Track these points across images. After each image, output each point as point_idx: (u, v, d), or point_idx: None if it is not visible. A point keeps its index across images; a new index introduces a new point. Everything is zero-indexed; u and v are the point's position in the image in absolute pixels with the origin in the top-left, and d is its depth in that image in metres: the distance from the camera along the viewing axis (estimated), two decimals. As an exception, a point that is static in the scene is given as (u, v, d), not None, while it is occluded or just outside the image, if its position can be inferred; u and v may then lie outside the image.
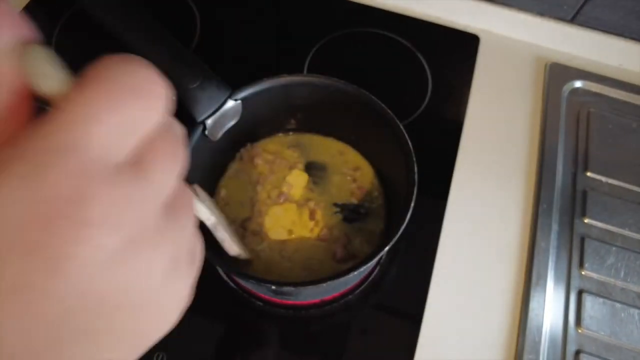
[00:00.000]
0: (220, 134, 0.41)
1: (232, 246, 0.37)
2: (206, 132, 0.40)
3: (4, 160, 0.11)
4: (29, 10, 0.62)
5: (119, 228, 0.12)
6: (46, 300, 0.12)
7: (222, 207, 0.45)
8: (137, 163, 0.13)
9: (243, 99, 0.42)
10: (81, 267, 0.12)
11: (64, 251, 0.11)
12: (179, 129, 0.15)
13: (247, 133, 0.47)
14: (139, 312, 0.14)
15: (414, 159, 0.39)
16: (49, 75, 0.13)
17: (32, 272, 0.11)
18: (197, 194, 0.35)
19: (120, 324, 0.13)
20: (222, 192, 0.46)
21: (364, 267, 0.35)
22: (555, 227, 0.48)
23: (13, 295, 0.11)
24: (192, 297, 0.17)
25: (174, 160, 0.14)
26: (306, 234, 0.43)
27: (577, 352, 0.43)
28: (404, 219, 0.36)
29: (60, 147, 0.12)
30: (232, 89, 0.41)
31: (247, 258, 0.40)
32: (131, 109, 0.13)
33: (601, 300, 0.45)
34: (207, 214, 0.32)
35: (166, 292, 0.14)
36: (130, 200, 0.12)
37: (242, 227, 0.44)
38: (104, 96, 0.12)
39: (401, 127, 0.40)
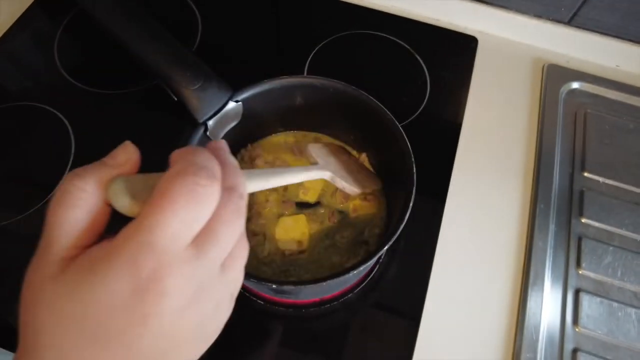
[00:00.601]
0: (221, 135, 0.42)
1: (352, 189, 0.41)
2: (208, 133, 0.40)
3: (106, 257, 0.18)
4: (31, 11, 0.63)
5: (184, 292, 0.19)
6: (135, 341, 0.18)
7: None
8: (198, 244, 0.19)
9: (244, 100, 0.42)
10: (159, 320, 0.18)
11: (146, 311, 0.18)
12: (237, 193, 0.21)
13: (247, 134, 0.47)
14: (196, 339, 0.21)
15: (413, 159, 0.39)
16: (124, 199, 0.20)
17: (128, 324, 0.18)
18: (313, 155, 0.40)
19: (185, 349, 0.20)
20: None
21: (364, 266, 0.35)
22: (552, 226, 0.49)
23: (116, 339, 0.18)
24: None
25: (231, 236, 0.21)
26: (314, 243, 0.44)
27: (575, 351, 0.43)
28: (403, 219, 0.36)
29: (143, 244, 0.18)
30: (233, 90, 0.41)
31: (366, 191, 0.43)
32: (191, 212, 0.18)
33: (598, 299, 0.45)
34: (320, 174, 0.36)
35: (212, 324, 0.21)
36: (193, 271, 0.19)
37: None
38: (171, 206, 0.18)
39: (400, 127, 0.41)
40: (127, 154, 0.22)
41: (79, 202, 0.19)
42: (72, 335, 0.18)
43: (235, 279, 0.22)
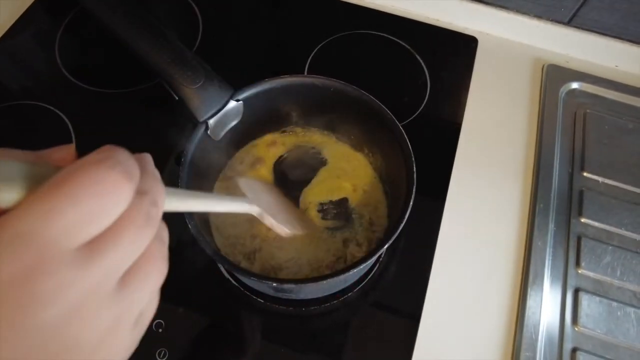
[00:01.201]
0: (222, 134, 0.42)
1: (283, 230, 0.38)
2: (208, 132, 0.40)
3: None
4: (33, 10, 0.63)
5: (60, 304, 0.15)
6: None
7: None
8: (92, 248, 0.16)
9: (244, 99, 0.42)
10: (24, 333, 0.15)
11: (11, 319, 0.14)
12: (148, 198, 0.18)
13: (248, 133, 0.47)
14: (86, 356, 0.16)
15: (413, 158, 0.39)
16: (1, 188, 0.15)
17: None
18: (242, 189, 0.37)
19: None
20: (223, 190, 0.46)
21: (363, 265, 0.35)
22: (552, 226, 0.49)
23: None
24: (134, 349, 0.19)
25: (133, 243, 0.17)
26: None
27: (574, 350, 0.43)
28: (403, 218, 0.36)
29: (20, 233, 0.14)
30: (234, 89, 0.42)
31: (302, 233, 0.40)
32: (88, 206, 0.15)
33: (597, 298, 0.45)
34: (247, 208, 0.33)
35: (108, 345, 0.17)
36: (76, 280, 0.15)
37: None
38: (64, 194, 0.15)
39: (400, 127, 0.41)
40: (62, 152, 0.18)
41: None
42: None
43: (138, 301, 0.18)
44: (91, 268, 0.16)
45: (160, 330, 0.42)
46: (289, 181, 0.47)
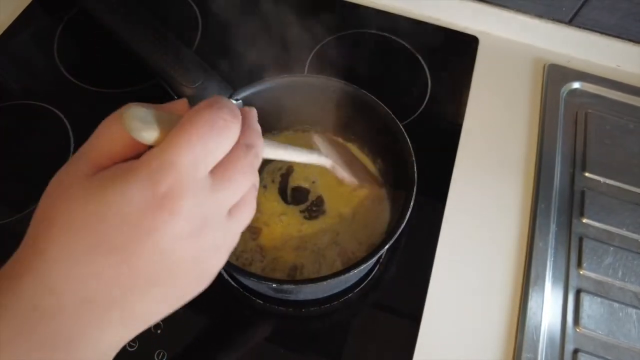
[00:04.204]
0: (221, 134, 0.42)
1: (352, 180, 0.42)
2: (207, 132, 0.40)
3: (136, 166, 0.19)
4: (31, 10, 0.63)
5: (192, 219, 0.19)
6: (133, 259, 0.19)
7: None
8: (215, 178, 0.20)
9: (244, 99, 0.42)
10: (161, 239, 0.19)
11: (154, 225, 0.19)
12: (253, 151, 0.22)
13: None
14: (192, 276, 0.21)
15: (414, 158, 0.39)
16: (142, 128, 0.19)
17: (132, 238, 0.19)
18: (316, 143, 0.42)
19: (180, 280, 0.21)
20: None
21: (364, 265, 0.35)
22: (553, 227, 0.49)
23: (116, 251, 0.19)
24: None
25: (242, 184, 0.22)
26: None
27: (575, 351, 0.43)
28: (404, 218, 0.36)
29: (166, 162, 0.19)
30: (234, 89, 0.41)
31: (368, 187, 0.45)
32: (210, 141, 0.20)
33: (599, 299, 0.45)
34: (322, 160, 0.37)
35: (208, 265, 0.22)
36: (205, 200, 0.20)
37: None
38: (195, 132, 0.19)
39: (401, 127, 0.41)
40: (179, 104, 0.23)
41: None
42: (80, 239, 0.18)
43: (236, 232, 0.23)
44: (216, 193, 0.20)
45: (158, 331, 0.41)
46: (290, 181, 0.47)
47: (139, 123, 0.19)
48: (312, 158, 0.36)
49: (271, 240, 0.44)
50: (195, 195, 0.19)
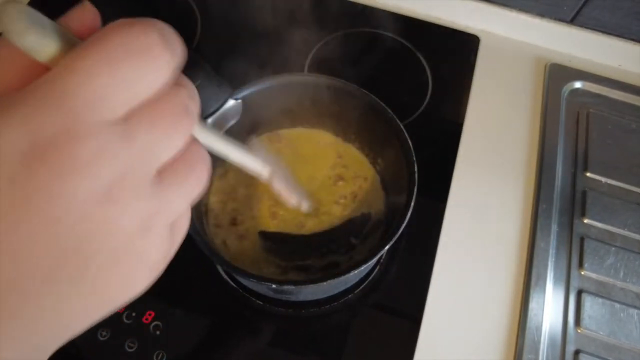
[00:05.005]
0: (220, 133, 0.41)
1: (290, 197, 0.36)
2: (207, 131, 0.40)
3: (10, 103, 0.13)
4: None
5: (97, 174, 0.13)
6: (8, 234, 0.13)
7: (219, 205, 0.45)
8: (129, 122, 0.14)
9: (244, 98, 0.42)
10: (48, 204, 0.13)
11: (35, 186, 0.13)
12: (185, 90, 0.16)
13: (247, 132, 0.47)
14: (110, 262, 0.15)
15: (414, 158, 0.39)
16: (30, 32, 0.14)
17: (24, 199, 0.13)
18: (256, 148, 0.36)
19: (94, 270, 0.14)
20: (221, 191, 0.46)
21: (364, 266, 0.35)
22: (554, 227, 0.49)
23: (6, 220, 0.12)
24: (162, 271, 0.17)
25: (170, 129, 0.15)
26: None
27: (577, 352, 0.43)
28: (404, 219, 0.36)
29: (57, 93, 0.13)
30: (233, 88, 0.41)
31: (308, 211, 0.39)
32: (128, 68, 0.14)
33: (600, 300, 0.45)
34: (259, 165, 0.31)
35: (135, 251, 0.15)
36: (115, 150, 0.13)
37: (233, 223, 0.44)
38: (103, 54, 0.13)
39: (402, 126, 0.40)
40: (83, 13, 0.17)
41: None
42: None
43: (174, 203, 0.16)
44: (130, 143, 0.14)
45: (158, 332, 0.41)
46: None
47: (26, 23, 0.14)
48: (251, 161, 0.31)
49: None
50: (98, 143, 0.13)
